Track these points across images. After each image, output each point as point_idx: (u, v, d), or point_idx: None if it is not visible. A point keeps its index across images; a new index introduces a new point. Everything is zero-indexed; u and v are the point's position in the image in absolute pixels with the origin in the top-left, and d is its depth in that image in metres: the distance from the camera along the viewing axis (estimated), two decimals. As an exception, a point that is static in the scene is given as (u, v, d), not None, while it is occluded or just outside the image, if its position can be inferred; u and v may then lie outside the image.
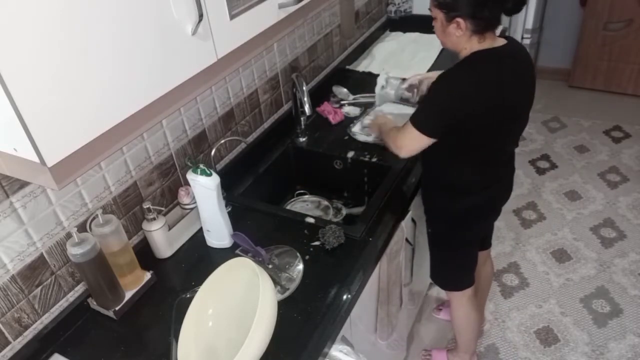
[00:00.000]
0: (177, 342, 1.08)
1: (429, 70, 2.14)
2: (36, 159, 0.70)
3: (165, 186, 1.43)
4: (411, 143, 1.35)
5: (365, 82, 2.06)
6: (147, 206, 1.27)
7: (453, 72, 1.29)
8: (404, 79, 1.77)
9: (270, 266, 1.23)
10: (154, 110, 0.88)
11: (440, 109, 1.30)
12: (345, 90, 2.03)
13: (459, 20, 1.24)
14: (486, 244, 1.83)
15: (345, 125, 1.85)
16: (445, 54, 2.23)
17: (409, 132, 1.33)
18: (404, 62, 2.25)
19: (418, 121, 1.32)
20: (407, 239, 1.56)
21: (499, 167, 1.48)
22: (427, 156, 1.46)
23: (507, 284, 2.33)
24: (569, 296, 2.25)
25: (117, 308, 1.19)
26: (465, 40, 1.28)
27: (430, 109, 1.33)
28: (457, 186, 1.46)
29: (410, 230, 1.62)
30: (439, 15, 1.28)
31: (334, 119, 1.88)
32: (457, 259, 1.64)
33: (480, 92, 1.25)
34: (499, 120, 1.32)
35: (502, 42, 1.31)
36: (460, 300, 1.72)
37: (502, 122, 1.34)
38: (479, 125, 1.30)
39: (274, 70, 1.79)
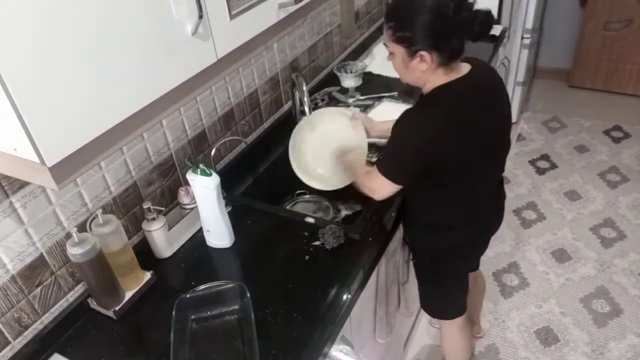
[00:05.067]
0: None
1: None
2: (36, 159, 0.70)
3: (165, 186, 1.43)
4: (383, 188, 1.26)
5: (365, 83, 2.06)
6: (147, 206, 1.27)
7: (418, 113, 1.19)
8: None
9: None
10: (154, 110, 0.88)
11: (406, 155, 1.20)
12: (343, 95, 2.03)
13: (423, 53, 1.13)
14: (475, 268, 1.75)
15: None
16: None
17: (379, 178, 1.24)
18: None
19: (385, 168, 1.23)
20: (404, 238, 1.56)
21: (485, 200, 1.39)
22: (407, 192, 1.40)
23: (507, 284, 2.33)
24: (569, 296, 2.25)
25: (117, 308, 1.19)
26: (430, 74, 1.18)
27: (396, 155, 1.23)
28: (440, 223, 1.38)
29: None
30: (398, 50, 1.16)
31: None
32: (445, 291, 1.57)
33: (450, 131, 1.16)
34: (477, 154, 1.23)
35: (467, 68, 1.21)
36: (450, 328, 1.67)
37: (480, 156, 1.25)
38: (455, 164, 1.21)
39: (274, 70, 1.79)
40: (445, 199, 1.33)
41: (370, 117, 1.69)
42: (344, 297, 1.19)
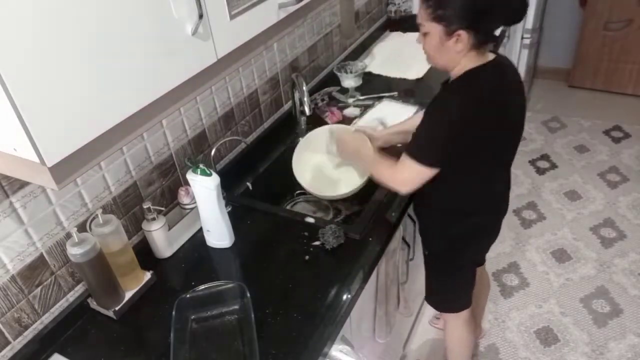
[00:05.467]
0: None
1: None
2: (36, 159, 0.70)
3: (165, 186, 1.43)
4: (414, 178, 1.24)
5: (365, 83, 2.06)
6: (147, 206, 1.27)
7: (449, 95, 1.21)
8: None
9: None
10: (154, 110, 0.88)
11: (442, 138, 1.21)
12: (343, 95, 2.03)
13: (461, 32, 1.14)
14: (482, 262, 1.76)
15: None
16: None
17: (410, 167, 1.22)
18: (404, 62, 2.25)
19: (420, 154, 1.21)
20: (403, 238, 1.56)
21: (500, 185, 1.42)
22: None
23: (507, 284, 2.33)
24: (569, 296, 2.25)
25: (117, 308, 1.19)
26: (462, 56, 1.19)
27: (431, 138, 1.22)
28: (457, 209, 1.39)
29: (407, 229, 1.62)
30: (436, 29, 1.17)
31: (330, 119, 1.88)
32: (455, 281, 1.58)
33: (482, 114, 1.18)
34: (501, 139, 1.27)
35: (492, 55, 1.24)
36: (456, 322, 1.67)
37: (504, 141, 1.29)
38: (483, 147, 1.24)
39: (274, 70, 1.79)
40: (465, 183, 1.34)
41: (373, 127, 1.68)
42: (344, 297, 1.19)
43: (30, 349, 1.13)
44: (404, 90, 2.02)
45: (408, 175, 1.25)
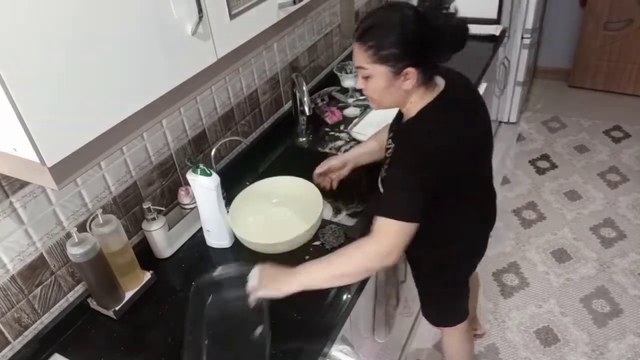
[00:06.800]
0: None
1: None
2: (36, 159, 0.70)
3: (165, 186, 1.43)
4: (400, 238, 1.09)
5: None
6: (147, 206, 1.28)
7: (410, 147, 1.12)
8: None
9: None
10: (154, 110, 0.88)
11: (419, 187, 1.10)
12: (343, 95, 2.03)
13: (410, 69, 1.06)
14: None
15: (345, 125, 1.85)
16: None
17: (394, 228, 1.08)
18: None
19: (401, 212, 1.09)
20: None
21: (485, 204, 1.38)
22: None
23: (507, 284, 2.33)
24: (569, 296, 2.25)
25: (117, 308, 1.19)
26: (411, 94, 1.13)
27: (408, 191, 1.11)
28: (440, 238, 1.31)
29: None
30: (381, 70, 1.08)
31: (330, 119, 1.89)
32: (448, 298, 1.54)
33: (446, 155, 1.11)
34: (474, 167, 1.23)
35: (442, 80, 1.16)
36: (452, 334, 1.65)
37: (479, 162, 1.26)
38: (455, 182, 1.16)
39: (274, 70, 1.79)
40: (443, 215, 1.25)
41: (339, 154, 1.60)
42: (344, 297, 1.19)
43: (30, 349, 1.13)
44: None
45: (395, 238, 1.09)
